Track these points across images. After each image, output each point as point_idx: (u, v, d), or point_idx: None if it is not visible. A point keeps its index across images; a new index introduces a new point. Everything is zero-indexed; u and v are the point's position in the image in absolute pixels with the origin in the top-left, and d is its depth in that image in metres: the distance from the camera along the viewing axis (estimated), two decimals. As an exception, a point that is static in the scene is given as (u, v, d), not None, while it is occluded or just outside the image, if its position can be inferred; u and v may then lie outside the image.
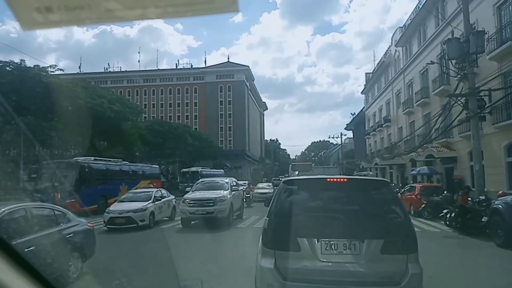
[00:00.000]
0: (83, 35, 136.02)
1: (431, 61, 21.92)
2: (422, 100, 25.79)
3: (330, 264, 3.96)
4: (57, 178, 15.83)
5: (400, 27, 32.49)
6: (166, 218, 14.91)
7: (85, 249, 6.45)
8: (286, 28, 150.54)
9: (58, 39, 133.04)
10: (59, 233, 5.92)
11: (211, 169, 41.23)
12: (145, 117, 62.78)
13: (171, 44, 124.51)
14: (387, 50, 37.21)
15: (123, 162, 21.53)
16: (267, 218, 4.33)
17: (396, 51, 33.72)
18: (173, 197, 16.72)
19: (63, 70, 23.18)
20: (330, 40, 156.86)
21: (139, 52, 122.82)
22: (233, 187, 14.91)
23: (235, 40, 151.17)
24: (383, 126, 37.95)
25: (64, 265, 5.68)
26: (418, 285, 3.94)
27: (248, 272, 5.29)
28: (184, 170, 37.60)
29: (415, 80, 28.60)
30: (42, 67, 22.62)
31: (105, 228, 12.63)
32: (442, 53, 18.21)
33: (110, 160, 20.01)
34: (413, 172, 24.19)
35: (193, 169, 36.56)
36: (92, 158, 18.25)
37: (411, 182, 29.25)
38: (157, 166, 28.07)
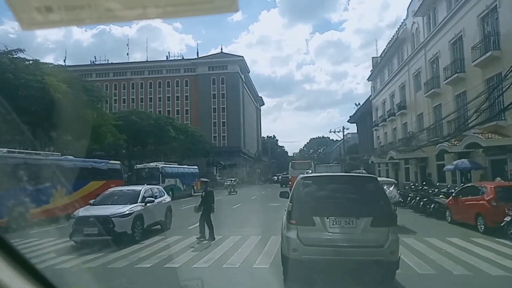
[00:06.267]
0: (82, 35, 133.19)
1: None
2: (456, 75, 20.31)
3: (335, 234, 5.55)
4: None
5: (418, -6, 26.97)
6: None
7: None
8: (285, 26, 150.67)
9: (57, 39, 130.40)
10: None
11: (180, 165, 34.06)
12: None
13: (170, 43, 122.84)
14: (401, 25, 31.68)
15: (63, 156, 16.00)
16: (291, 203, 5.92)
17: (414, 23, 28.19)
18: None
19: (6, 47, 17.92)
20: (329, 38, 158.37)
21: (127, 44, 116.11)
22: None
23: (234, 39, 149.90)
24: (397, 114, 32.50)
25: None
26: (396, 247, 5.50)
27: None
28: (139, 166, 28.50)
29: (442, 54, 23.10)
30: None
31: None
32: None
33: (40, 153, 14.39)
34: (449, 167, 18.70)
35: (152, 165, 27.39)
36: (5, 149, 12.74)
37: (436, 180, 23.98)
38: (118, 162, 22.24)
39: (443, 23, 22.54)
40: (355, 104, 67.72)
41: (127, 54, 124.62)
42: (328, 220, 5.50)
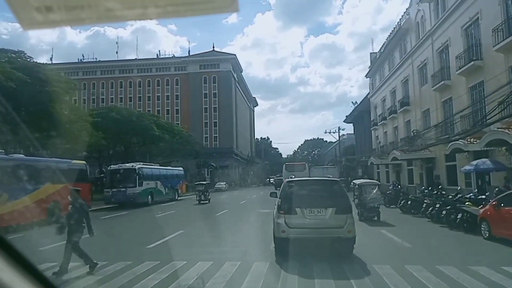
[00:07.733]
0: (76, 36, 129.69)
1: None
2: (472, 63, 17.86)
3: (311, 220, 7.67)
4: None
5: (424, -22, 24.55)
6: None
7: None
8: (280, 29, 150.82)
9: (51, 40, 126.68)
10: None
11: (162, 166, 30.04)
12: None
13: (164, 45, 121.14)
14: (403, 15, 29.26)
15: (11, 155, 13.20)
16: (280, 199, 8.04)
17: (418, 11, 25.78)
18: None
19: None
20: (323, 41, 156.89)
21: (117, 43, 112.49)
22: None
23: (229, 41, 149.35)
24: (398, 111, 30.04)
25: None
26: (352, 227, 7.69)
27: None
28: (113, 167, 24.62)
29: (453, 42, 20.67)
30: None
31: None
32: None
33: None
34: (468, 168, 16.14)
35: (127, 166, 23.76)
36: None
37: (446, 182, 21.52)
38: (84, 162, 19.27)
39: (454, 7, 20.11)
40: (352, 102, 65.21)
41: (116, 52, 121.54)
42: (306, 210, 7.67)
